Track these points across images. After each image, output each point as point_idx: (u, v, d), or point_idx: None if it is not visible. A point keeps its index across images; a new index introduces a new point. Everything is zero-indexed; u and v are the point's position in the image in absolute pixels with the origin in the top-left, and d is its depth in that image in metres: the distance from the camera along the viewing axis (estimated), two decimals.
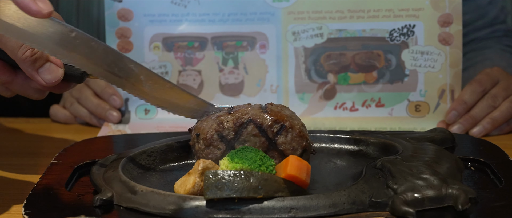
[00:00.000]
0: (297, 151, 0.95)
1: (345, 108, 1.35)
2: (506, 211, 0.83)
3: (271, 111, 0.95)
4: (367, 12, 1.34)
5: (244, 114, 0.95)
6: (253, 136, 0.94)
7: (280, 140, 0.95)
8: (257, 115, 0.95)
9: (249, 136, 0.94)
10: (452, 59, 1.33)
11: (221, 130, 0.95)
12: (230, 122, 0.95)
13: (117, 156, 1.02)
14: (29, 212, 0.85)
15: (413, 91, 1.34)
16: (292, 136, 0.95)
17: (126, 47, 1.37)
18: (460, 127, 1.29)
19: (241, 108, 0.97)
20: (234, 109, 0.97)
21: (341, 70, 1.35)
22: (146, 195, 0.86)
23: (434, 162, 0.93)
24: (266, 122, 0.95)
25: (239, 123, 0.95)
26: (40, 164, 1.13)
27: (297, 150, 0.96)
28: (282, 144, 0.95)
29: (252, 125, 0.94)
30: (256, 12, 1.36)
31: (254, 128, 0.94)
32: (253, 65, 1.36)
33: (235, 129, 0.95)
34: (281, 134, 0.95)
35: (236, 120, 0.95)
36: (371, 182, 0.88)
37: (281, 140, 0.95)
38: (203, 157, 0.95)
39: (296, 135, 0.95)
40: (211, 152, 0.95)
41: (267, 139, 0.95)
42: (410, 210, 0.81)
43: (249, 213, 0.82)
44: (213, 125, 0.95)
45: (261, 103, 0.99)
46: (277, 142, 0.95)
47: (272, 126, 0.95)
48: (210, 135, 0.95)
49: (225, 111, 0.97)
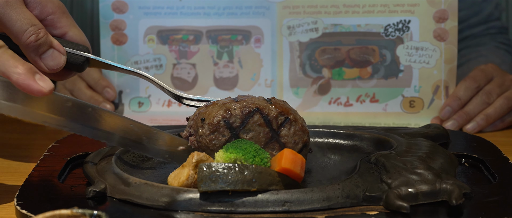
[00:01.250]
0: (298, 145, 0.95)
1: (339, 103, 1.35)
2: (499, 206, 0.83)
3: (276, 103, 0.95)
4: (362, 7, 1.34)
5: (251, 103, 0.95)
6: (258, 126, 0.94)
7: (283, 132, 0.95)
8: (263, 105, 0.95)
9: (254, 125, 0.94)
10: (447, 56, 1.33)
11: (228, 117, 0.94)
12: (237, 109, 0.94)
13: (110, 148, 1.02)
14: (21, 203, 0.84)
15: (407, 87, 1.34)
16: (294, 130, 0.95)
17: (120, 40, 1.36)
18: (454, 123, 1.29)
19: (247, 98, 0.96)
20: (239, 98, 0.97)
21: (336, 65, 1.35)
22: (140, 187, 0.85)
23: (428, 157, 0.93)
24: (272, 112, 0.94)
25: (247, 111, 0.94)
26: (33, 155, 1.13)
27: (298, 144, 0.95)
28: (285, 136, 0.95)
29: (259, 115, 0.94)
30: (252, 6, 1.35)
31: (260, 117, 0.94)
32: (248, 59, 1.36)
33: (242, 117, 0.94)
34: (284, 126, 0.95)
35: (244, 108, 0.94)
36: (365, 176, 0.88)
37: (284, 132, 0.95)
38: (206, 143, 0.94)
39: (299, 129, 0.95)
40: (215, 138, 0.94)
41: (271, 129, 0.94)
42: (404, 205, 0.81)
43: (243, 205, 0.82)
44: (220, 111, 0.94)
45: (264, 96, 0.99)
46: (280, 133, 0.95)
47: (277, 117, 0.94)
48: (216, 120, 0.94)
49: (230, 98, 0.97)
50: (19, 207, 0.83)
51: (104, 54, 1.37)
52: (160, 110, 1.37)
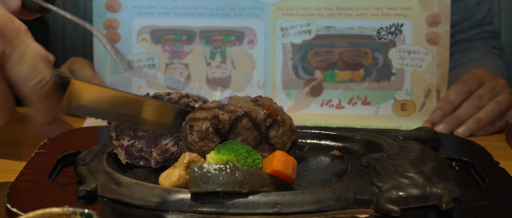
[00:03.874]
0: (287, 145, 0.95)
1: (331, 105, 1.36)
2: (489, 211, 0.84)
3: (263, 105, 0.95)
4: (356, 10, 1.34)
5: (238, 107, 0.95)
6: (246, 130, 0.94)
7: (272, 134, 0.95)
8: (251, 109, 0.95)
9: (243, 129, 0.94)
10: (439, 59, 1.33)
11: (217, 123, 0.94)
12: (225, 115, 0.94)
13: (101, 146, 1.02)
14: (12, 202, 0.84)
15: (399, 90, 1.34)
16: (283, 130, 0.95)
17: (113, 39, 1.36)
18: (446, 127, 1.29)
19: (234, 101, 0.96)
20: (225, 100, 0.96)
21: (328, 67, 1.35)
22: (131, 187, 0.85)
23: (419, 160, 0.94)
24: (260, 115, 0.94)
25: (235, 116, 0.94)
26: (24, 153, 1.12)
27: (287, 144, 0.96)
28: (273, 138, 0.95)
29: (247, 119, 0.94)
30: (245, 7, 1.35)
31: (248, 121, 0.94)
32: (241, 60, 1.36)
33: (231, 122, 0.94)
34: (273, 127, 0.95)
35: (231, 113, 0.94)
36: (356, 179, 0.88)
37: (273, 133, 0.95)
38: (196, 150, 0.94)
39: (287, 129, 0.95)
40: (205, 145, 0.94)
41: (259, 132, 0.95)
42: (394, 208, 0.81)
43: (233, 207, 0.82)
44: (208, 117, 0.94)
45: (250, 96, 0.99)
46: (269, 135, 0.95)
47: (265, 119, 0.95)
48: (204, 127, 0.94)
49: (217, 102, 0.97)
50: (9, 205, 0.83)
51: (97, 53, 1.36)
52: None
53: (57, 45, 1.69)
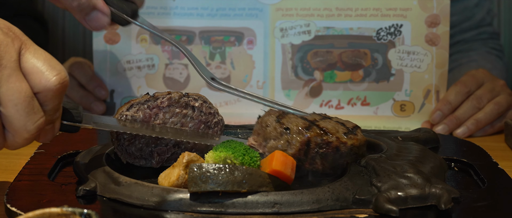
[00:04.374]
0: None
1: (330, 106, 1.36)
2: (488, 211, 0.84)
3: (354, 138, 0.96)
4: (355, 10, 1.34)
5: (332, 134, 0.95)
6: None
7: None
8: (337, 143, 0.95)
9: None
10: (438, 60, 1.33)
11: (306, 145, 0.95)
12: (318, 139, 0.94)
13: (101, 146, 1.02)
14: (11, 201, 0.84)
15: (398, 90, 1.34)
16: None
17: (113, 39, 1.36)
18: (445, 128, 1.30)
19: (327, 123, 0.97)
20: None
21: (328, 68, 1.35)
22: (130, 187, 0.86)
23: (418, 161, 0.94)
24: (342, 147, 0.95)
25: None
26: (23, 153, 1.12)
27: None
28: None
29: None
30: (245, 8, 1.36)
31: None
32: (240, 60, 1.36)
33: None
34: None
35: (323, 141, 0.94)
36: (355, 179, 0.88)
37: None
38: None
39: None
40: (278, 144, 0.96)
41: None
42: (393, 208, 0.81)
43: (232, 207, 0.82)
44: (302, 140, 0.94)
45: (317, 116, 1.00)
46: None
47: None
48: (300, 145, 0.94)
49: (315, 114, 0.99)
50: (9, 204, 0.83)
51: (96, 54, 1.36)
52: None
53: (56, 45, 1.69)
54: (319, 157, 0.94)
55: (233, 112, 1.35)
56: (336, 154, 0.94)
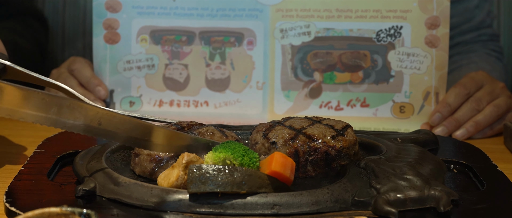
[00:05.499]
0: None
1: (330, 107, 1.36)
2: (487, 213, 0.84)
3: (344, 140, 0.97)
4: (355, 12, 1.34)
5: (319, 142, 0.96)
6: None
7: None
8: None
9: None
10: (438, 62, 1.33)
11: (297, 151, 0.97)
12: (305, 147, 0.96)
13: (100, 146, 1.02)
14: (10, 201, 0.84)
15: (398, 92, 1.34)
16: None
17: (113, 39, 1.36)
18: (444, 129, 1.30)
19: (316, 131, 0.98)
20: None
21: (327, 69, 1.35)
22: (129, 187, 0.86)
23: (417, 163, 0.94)
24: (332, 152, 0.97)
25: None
26: (22, 152, 1.12)
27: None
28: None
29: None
30: (245, 9, 1.36)
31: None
32: (240, 61, 1.36)
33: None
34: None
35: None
36: (355, 181, 0.88)
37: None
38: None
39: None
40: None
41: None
42: (392, 210, 0.81)
43: (232, 208, 0.82)
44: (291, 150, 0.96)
45: None
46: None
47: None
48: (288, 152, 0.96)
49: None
50: (8, 204, 0.83)
51: (96, 53, 1.36)
52: (151, 109, 1.37)
53: (56, 44, 1.69)
54: (309, 164, 0.95)
55: (233, 112, 1.36)
56: (326, 159, 0.95)
